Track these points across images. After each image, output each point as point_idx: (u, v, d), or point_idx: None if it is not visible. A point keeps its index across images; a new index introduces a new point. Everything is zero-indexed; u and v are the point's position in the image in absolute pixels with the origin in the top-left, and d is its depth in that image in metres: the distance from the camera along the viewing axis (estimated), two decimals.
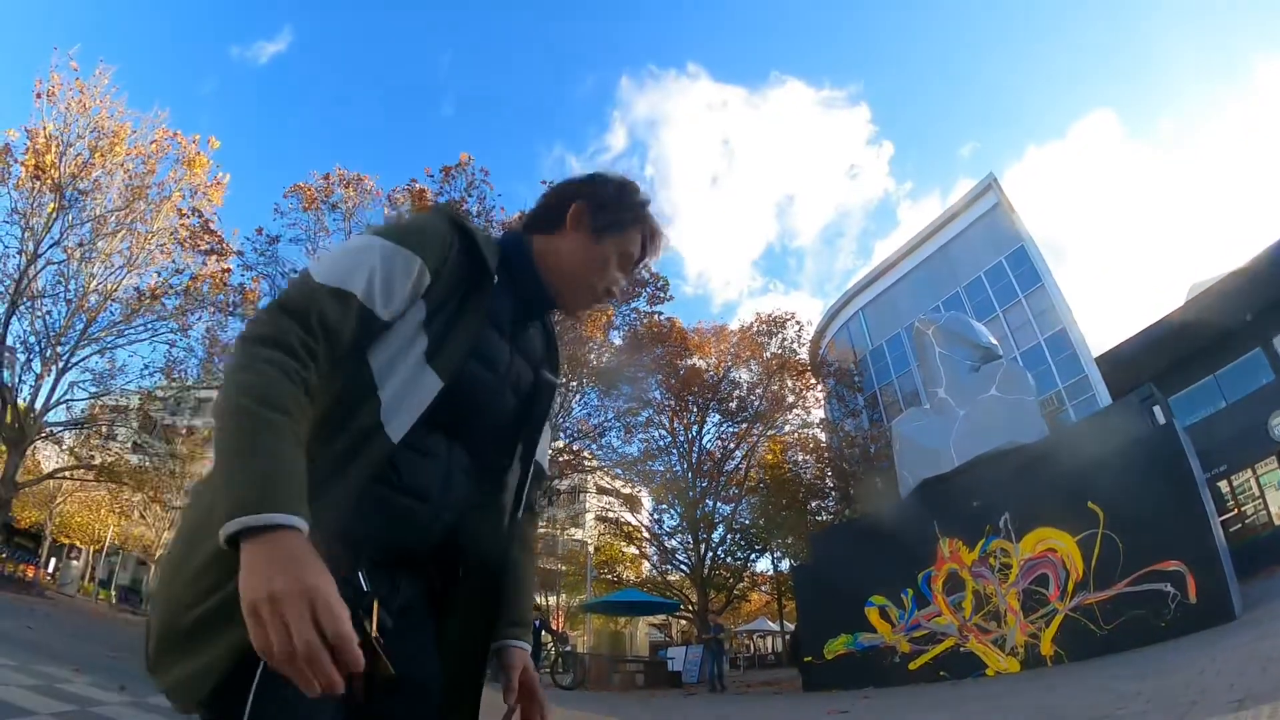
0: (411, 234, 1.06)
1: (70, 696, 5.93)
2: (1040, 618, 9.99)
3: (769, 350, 30.88)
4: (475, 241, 1.13)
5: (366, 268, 0.99)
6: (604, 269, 1.27)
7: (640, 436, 29.55)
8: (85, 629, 15.20)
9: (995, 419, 12.88)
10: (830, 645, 13.70)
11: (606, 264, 1.27)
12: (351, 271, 0.99)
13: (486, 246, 1.16)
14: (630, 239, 1.30)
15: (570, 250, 1.26)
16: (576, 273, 1.26)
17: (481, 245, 1.14)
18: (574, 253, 1.26)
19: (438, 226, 1.10)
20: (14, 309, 19.82)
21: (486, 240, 1.19)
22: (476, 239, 1.14)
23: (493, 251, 1.18)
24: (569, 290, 1.27)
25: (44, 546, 37.87)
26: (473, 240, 1.13)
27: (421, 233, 1.07)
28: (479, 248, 1.13)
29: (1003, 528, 10.90)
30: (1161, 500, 9.00)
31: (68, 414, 23.10)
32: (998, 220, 33.71)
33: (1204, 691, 4.74)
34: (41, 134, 20.14)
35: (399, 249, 1.03)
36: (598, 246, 1.26)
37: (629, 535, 34.51)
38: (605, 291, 1.30)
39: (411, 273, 1.03)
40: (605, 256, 1.27)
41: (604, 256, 1.27)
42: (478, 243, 1.13)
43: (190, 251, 21.55)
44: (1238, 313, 20.51)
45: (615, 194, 1.30)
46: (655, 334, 23.69)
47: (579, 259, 1.26)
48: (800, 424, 32.84)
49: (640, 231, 1.32)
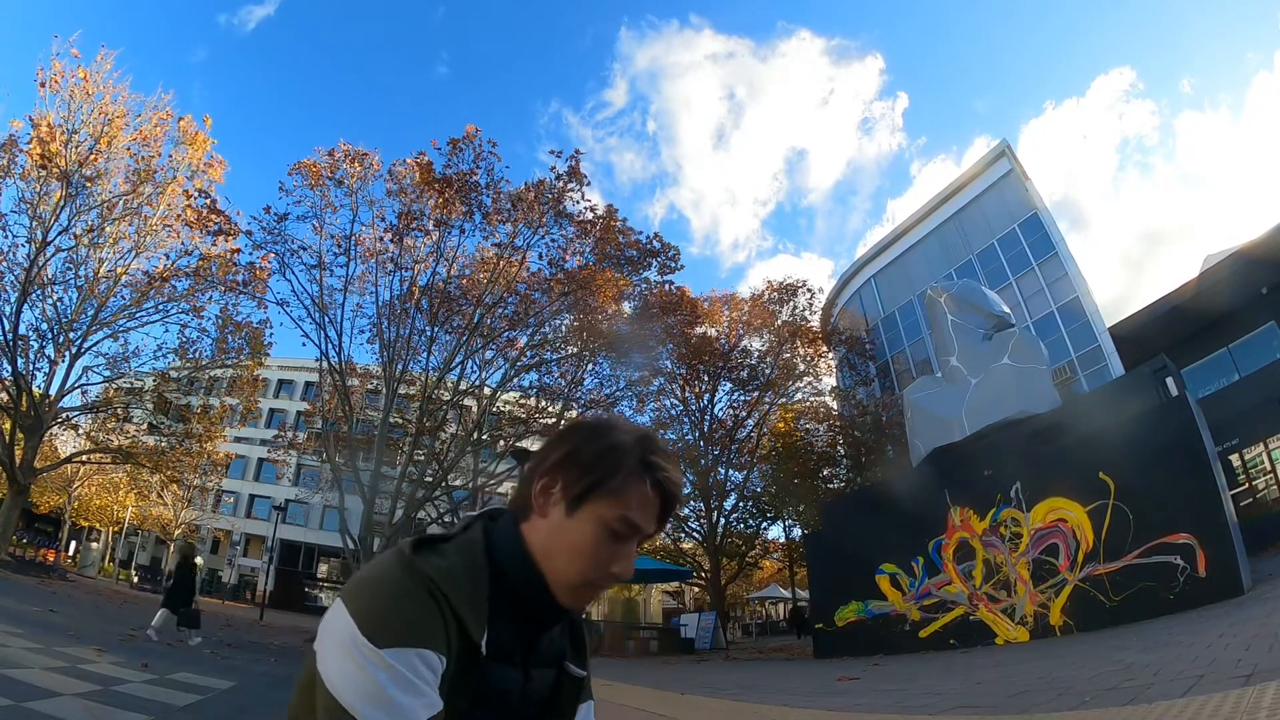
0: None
1: (93, 676, 6.06)
2: (1050, 588, 10.02)
3: (780, 318, 30.81)
4: (461, 618, 0.91)
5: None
6: (590, 552, 0.98)
7: (652, 406, 29.64)
8: (107, 610, 15.52)
9: (1007, 388, 12.82)
10: (841, 612, 13.83)
11: (591, 546, 0.98)
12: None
13: (472, 609, 0.92)
14: (623, 501, 0.98)
15: (545, 537, 1.00)
16: (558, 567, 0.98)
17: (468, 620, 0.91)
18: (549, 539, 0.99)
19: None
20: (25, 297, 19.98)
21: (472, 596, 0.93)
22: (462, 614, 0.91)
23: (480, 612, 0.93)
24: (557, 589, 0.99)
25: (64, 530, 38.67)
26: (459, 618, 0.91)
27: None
28: (464, 623, 0.91)
29: (1014, 497, 10.90)
30: (1173, 472, 8.96)
31: (83, 399, 23.43)
32: (1011, 187, 33.25)
33: (1212, 664, 4.74)
34: (45, 122, 20.14)
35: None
36: (572, 523, 0.98)
37: None
38: (606, 579, 1.00)
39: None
40: (588, 536, 0.98)
41: (586, 536, 0.98)
42: (464, 620, 0.91)
43: (198, 232, 21.56)
44: (1253, 286, 20.26)
45: (589, 444, 1.01)
46: (666, 303, 23.60)
47: (555, 546, 0.99)
48: (812, 392, 32.88)
49: (640, 485, 1.00)
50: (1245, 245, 20.87)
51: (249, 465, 50.78)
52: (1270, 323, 20.61)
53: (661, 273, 22.60)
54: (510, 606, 0.99)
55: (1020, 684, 5.92)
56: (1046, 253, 30.63)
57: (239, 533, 51.12)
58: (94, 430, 24.95)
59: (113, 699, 5.31)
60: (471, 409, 24.93)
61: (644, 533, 1.01)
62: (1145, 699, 4.11)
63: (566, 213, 20.33)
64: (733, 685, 9.99)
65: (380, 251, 21.11)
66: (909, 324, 36.33)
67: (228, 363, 24.87)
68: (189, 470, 26.44)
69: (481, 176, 19.99)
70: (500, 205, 20.29)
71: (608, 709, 6.28)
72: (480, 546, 1.00)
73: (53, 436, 28.23)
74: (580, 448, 1.01)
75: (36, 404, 20.78)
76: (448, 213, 19.97)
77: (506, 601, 0.98)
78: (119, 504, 40.26)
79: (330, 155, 20.52)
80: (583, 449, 1.01)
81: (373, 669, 0.83)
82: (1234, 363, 21.52)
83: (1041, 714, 4.41)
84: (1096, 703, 4.34)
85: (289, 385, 53.50)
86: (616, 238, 21.05)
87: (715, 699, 7.95)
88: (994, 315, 14.15)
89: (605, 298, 21.06)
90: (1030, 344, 13.61)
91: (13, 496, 20.98)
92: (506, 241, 20.68)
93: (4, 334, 19.87)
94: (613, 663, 15.78)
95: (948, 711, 5.17)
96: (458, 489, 23.64)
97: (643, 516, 1.00)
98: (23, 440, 21.18)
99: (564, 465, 1.01)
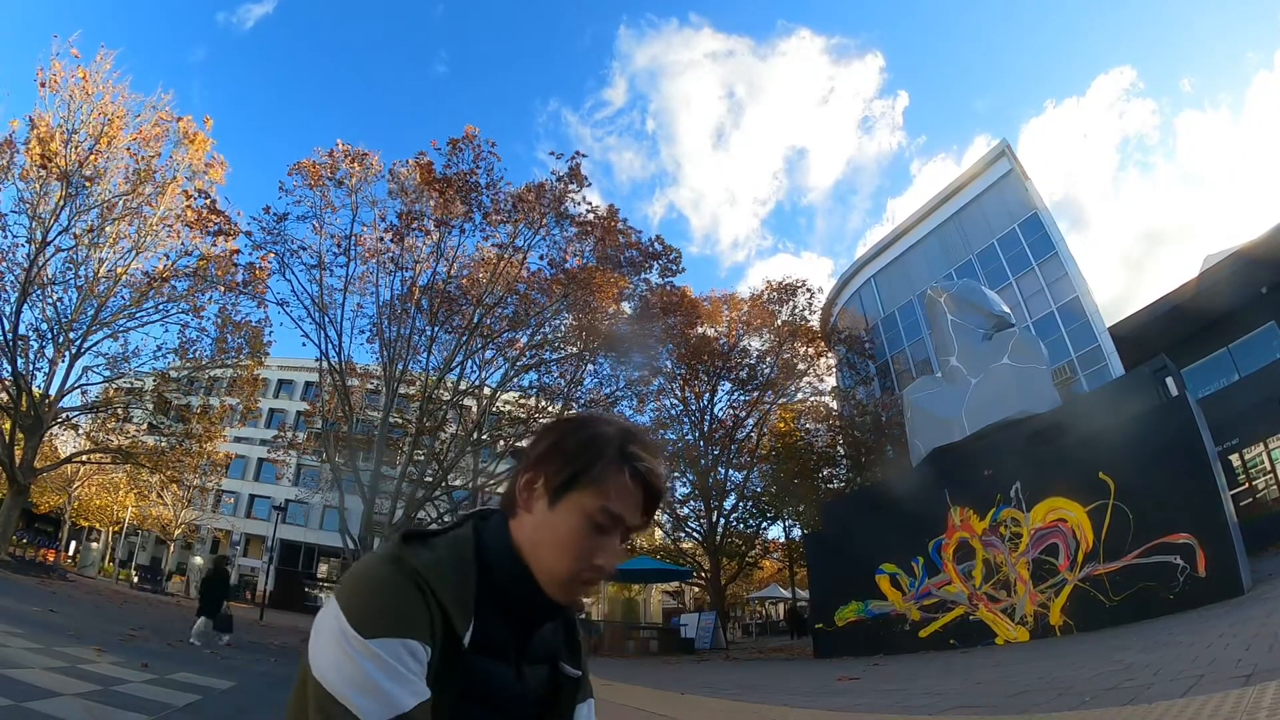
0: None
1: (93, 676, 6.06)
2: (1050, 588, 10.02)
3: (780, 318, 30.82)
4: (446, 610, 0.92)
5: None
6: (573, 544, 0.99)
7: (652, 405, 29.60)
8: (106, 610, 15.52)
9: (1007, 388, 12.82)
10: (841, 612, 13.83)
11: (574, 538, 0.99)
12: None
13: (458, 602, 0.93)
14: (603, 491, 0.99)
15: (531, 531, 1.01)
16: (544, 561, 0.99)
17: (452, 612, 0.92)
18: (535, 533, 1.00)
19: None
20: (25, 297, 19.97)
21: (457, 589, 0.94)
22: (447, 606, 0.92)
23: (465, 606, 0.94)
24: (546, 584, 1.00)
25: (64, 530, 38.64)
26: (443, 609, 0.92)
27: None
28: (449, 615, 0.92)
29: (1013, 497, 10.90)
30: (1173, 472, 8.96)
31: (82, 399, 23.42)
32: (1011, 187, 33.23)
33: (1212, 664, 4.75)
34: (44, 122, 20.15)
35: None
36: (555, 516, 0.99)
37: None
38: (591, 572, 1.00)
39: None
40: (571, 528, 0.99)
41: (569, 528, 0.99)
42: (449, 612, 0.92)
43: (198, 232, 21.56)
44: (1253, 286, 20.23)
45: (570, 436, 1.03)
46: (667, 304, 23.62)
47: (540, 540, 1.00)
48: (811, 392, 32.95)
49: (619, 475, 1.00)
50: (1245, 245, 20.85)
51: (249, 465, 50.73)
52: (1270, 323, 20.59)
53: (663, 275, 22.64)
54: (500, 602, 0.99)
55: (1020, 684, 5.93)
56: (1046, 253, 30.61)
57: (239, 533, 51.11)
58: (94, 430, 24.93)
59: (113, 699, 5.31)
60: (471, 409, 24.94)
61: (627, 524, 1.02)
62: (1145, 699, 4.12)
63: (567, 214, 20.35)
64: (733, 685, 10.00)
65: (381, 251, 21.13)
66: (909, 324, 36.32)
67: (228, 363, 24.88)
68: (189, 470, 26.39)
69: (481, 177, 20.04)
70: (501, 205, 20.30)
71: (608, 709, 6.28)
72: (470, 543, 1.01)
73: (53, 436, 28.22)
74: (562, 440, 1.03)
75: (36, 404, 20.77)
76: (449, 213, 19.98)
77: (496, 597, 0.99)
78: (119, 504, 40.25)
79: (330, 155, 20.55)
80: (564, 441, 1.02)
81: (360, 658, 0.84)
82: (1234, 363, 21.50)
83: (1041, 714, 4.41)
84: (1096, 703, 4.35)
85: (289, 385, 53.45)
86: (617, 238, 21.06)
87: (715, 699, 7.96)
88: (994, 315, 14.15)
89: (605, 298, 21.07)
90: (1030, 344, 13.61)
91: (13, 496, 20.97)
92: (507, 242, 20.70)
93: (4, 334, 19.87)
94: (613, 662, 15.79)
95: (948, 711, 5.18)
96: (458, 489, 23.65)
97: (624, 507, 1.00)
98: (23, 440, 21.17)
99: (546, 458, 1.02)
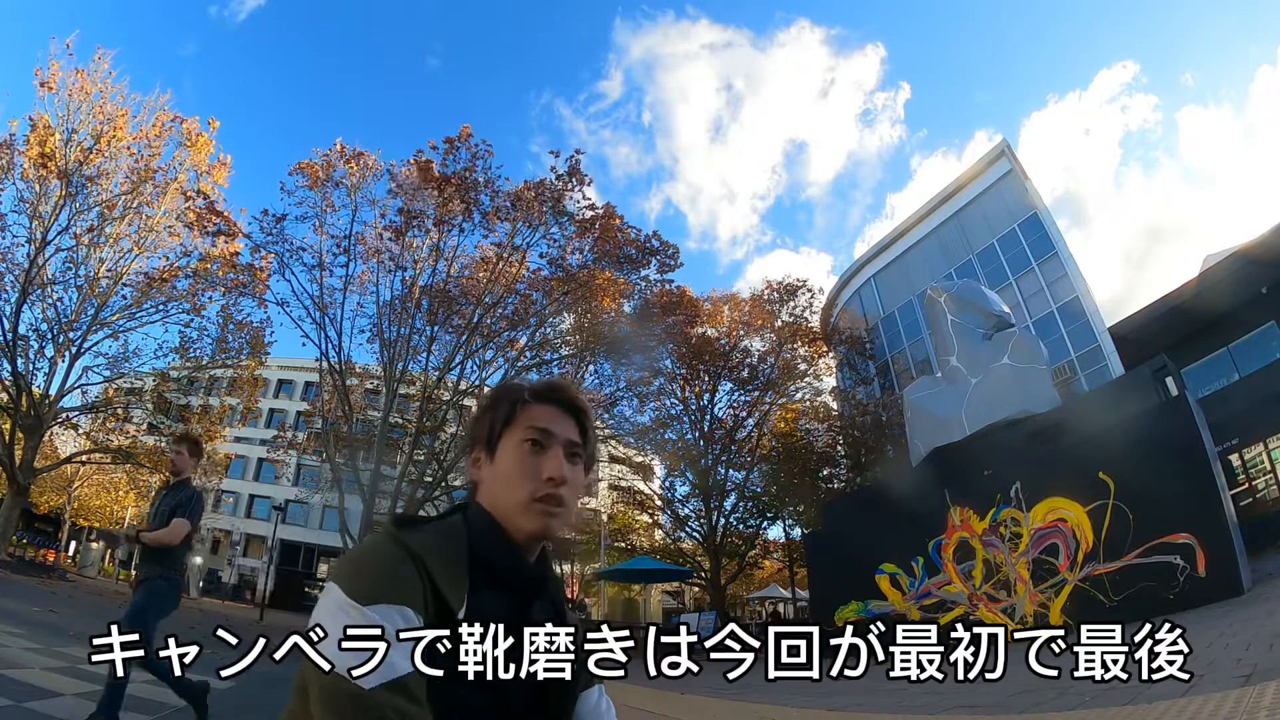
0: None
1: (94, 677, 6.04)
2: (1050, 587, 10.03)
3: (780, 318, 30.80)
4: (437, 584, 0.97)
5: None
6: (517, 470, 1.09)
7: (652, 405, 29.64)
8: (107, 610, 15.48)
9: (1007, 388, 12.82)
10: (841, 612, 13.85)
11: (517, 464, 1.10)
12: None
13: (449, 578, 0.98)
14: (524, 419, 1.12)
15: (488, 486, 1.12)
16: (502, 502, 1.09)
17: (444, 587, 0.97)
18: (490, 486, 1.11)
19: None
20: (25, 297, 19.93)
21: (449, 566, 1.00)
22: (438, 581, 0.97)
23: (458, 581, 1.00)
24: (512, 527, 1.08)
25: (64, 530, 38.60)
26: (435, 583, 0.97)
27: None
28: (440, 589, 0.97)
29: (1013, 497, 10.90)
30: (1172, 472, 8.96)
31: (82, 399, 23.37)
32: (1011, 187, 33.20)
33: (1212, 665, 4.74)
34: (42, 122, 20.13)
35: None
36: (497, 462, 1.11)
37: (642, 503, 34.92)
38: (542, 489, 1.08)
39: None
40: (511, 459, 1.10)
41: (510, 460, 1.10)
42: (440, 587, 0.97)
43: (198, 233, 21.56)
44: (1253, 286, 20.18)
45: (484, 402, 1.18)
46: (667, 303, 23.63)
47: (495, 488, 1.10)
48: (812, 392, 32.90)
49: (533, 405, 1.14)
50: (1245, 245, 20.81)
51: (249, 465, 50.68)
52: (1270, 323, 20.58)
53: (661, 271, 22.61)
54: (491, 578, 1.05)
55: (1020, 684, 5.92)
56: (1046, 252, 30.60)
57: (239, 533, 51.01)
58: (94, 430, 24.88)
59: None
60: (471, 409, 24.92)
61: (560, 437, 1.13)
62: (1145, 699, 4.12)
63: (566, 211, 20.36)
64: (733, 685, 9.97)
65: (381, 251, 21.14)
66: (909, 324, 36.29)
67: (228, 362, 24.84)
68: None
69: (479, 175, 20.08)
70: (499, 204, 20.32)
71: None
72: (460, 527, 1.08)
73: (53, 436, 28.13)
74: (480, 410, 1.18)
75: (36, 404, 20.73)
76: (448, 211, 20.00)
77: (487, 575, 1.04)
78: (119, 504, 40.21)
79: (328, 155, 20.60)
80: (481, 407, 1.19)
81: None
82: (1234, 363, 21.48)
83: (1041, 714, 4.41)
84: (1096, 702, 4.34)
85: (289, 385, 53.39)
86: (616, 236, 21.07)
87: (715, 699, 7.95)
88: (994, 315, 14.15)
89: (606, 299, 21.10)
90: (1030, 344, 13.62)
91: (13, 496, 20.93)
92: (506, 240, 20.71)
93: (4, 334, 19.83)
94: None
95: (948, 711, 5.17)
96: (458, 489, 23.64)
97: (550, 422, 1.13)
98: (23, 440, 21.13)
99: (474, 429, 1.17)
